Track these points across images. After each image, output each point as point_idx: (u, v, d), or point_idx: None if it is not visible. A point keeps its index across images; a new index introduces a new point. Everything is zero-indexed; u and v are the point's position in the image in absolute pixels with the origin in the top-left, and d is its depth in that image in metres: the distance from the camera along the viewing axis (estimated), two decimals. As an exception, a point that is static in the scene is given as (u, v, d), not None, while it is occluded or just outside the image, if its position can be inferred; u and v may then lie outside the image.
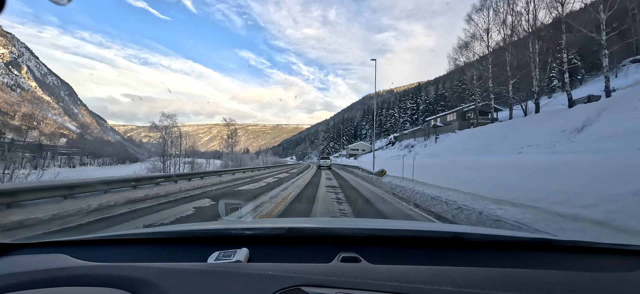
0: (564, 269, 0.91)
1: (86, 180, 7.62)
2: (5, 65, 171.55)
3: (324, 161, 30.71)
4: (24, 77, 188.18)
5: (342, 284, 0.73)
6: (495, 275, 0.79)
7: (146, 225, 4.78)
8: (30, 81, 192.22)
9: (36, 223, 4.64)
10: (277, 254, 1.04)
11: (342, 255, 0.94)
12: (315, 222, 1.75)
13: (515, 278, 0.78)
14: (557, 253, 1.07)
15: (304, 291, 0.71)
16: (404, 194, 8.96)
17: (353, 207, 6.69)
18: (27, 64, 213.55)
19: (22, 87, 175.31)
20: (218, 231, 1.22)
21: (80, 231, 4.37)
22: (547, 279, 0.78)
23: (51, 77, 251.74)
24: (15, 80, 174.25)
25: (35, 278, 0.83)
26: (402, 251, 1.06)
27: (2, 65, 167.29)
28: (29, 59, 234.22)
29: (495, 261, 0.98)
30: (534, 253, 1.06)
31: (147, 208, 6.28)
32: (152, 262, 0.91)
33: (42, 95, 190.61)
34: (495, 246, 1.10)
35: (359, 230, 1.24)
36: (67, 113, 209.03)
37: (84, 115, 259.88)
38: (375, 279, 0.75)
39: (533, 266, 0.90)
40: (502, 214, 4.95)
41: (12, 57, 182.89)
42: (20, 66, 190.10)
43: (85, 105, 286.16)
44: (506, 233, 1.30)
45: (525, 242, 1.13)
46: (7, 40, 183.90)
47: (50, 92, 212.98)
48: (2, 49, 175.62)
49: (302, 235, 1.19)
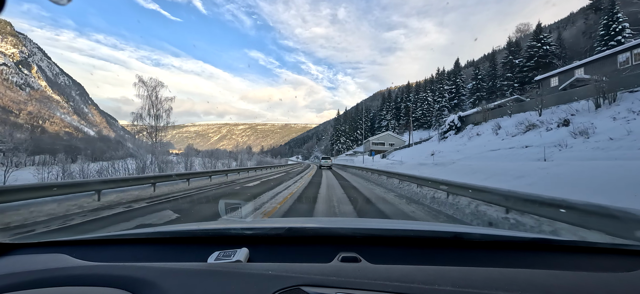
0: (564, 269, 0.90)
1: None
2: (15, 64, 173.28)
3: (325, 161, 31.24)
4: (34, 76, 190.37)
5: (342, 284, 0.73)
6: (495, 275, 0.79)
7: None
8: (40, 80, 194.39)
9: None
10: (277, 254, 1.04)
11: (342, 255, 0.94)
12: (315, 222, 1.82)
13: (515, 278, 0.77)
14: (557, 253, 1.06)
15: (304, 291, 0.71)
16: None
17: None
18: (39, 64, 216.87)
19: (32, 86, 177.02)
20: (218, 231, 1.21)
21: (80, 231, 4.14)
22: (547, 279, 0.77)
23: (63, 77, 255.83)
24: (25, 80, 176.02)
25: (35, 278, 0.84)
26: (402, 251, 1.06)
27: (12, 65, 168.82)
28: (41, 59, 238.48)
29: (495, 261, 0.98)
30: (534, 253, 1.06)
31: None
32: (152, 262, 0.91)
33: (51, 94, 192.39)
34: (495, 246, 1.10)
35: (359, 230, 1.23)
36: (77, 112, 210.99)
37: (94, 114, 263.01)
38: (375, 279, 0.75)
39: (533, 266, 0.90)
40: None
41: (23, 57, 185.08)
42: (31, 66, 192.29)
43: (96, 104, 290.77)
44: (506, 233, 1.31)
45: (525, 242, 1.13)
46: (18, 40, 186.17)
47: (60, 92, 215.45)
48: (12, 49, 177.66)
49: (302, 234, 1.19)
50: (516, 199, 4.42)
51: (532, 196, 4.10)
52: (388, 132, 62.59)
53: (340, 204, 6.66)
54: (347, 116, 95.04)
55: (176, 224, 4.09)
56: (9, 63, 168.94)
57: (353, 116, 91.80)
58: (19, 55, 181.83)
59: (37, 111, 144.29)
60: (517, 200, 4.39)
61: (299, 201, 7.22)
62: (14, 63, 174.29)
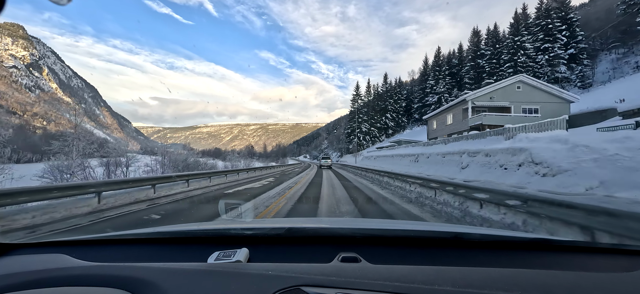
0: (564, 269, 0.90)
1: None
2: (25, 67, 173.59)
3: (325, 161, 32.07)
4: (45, 78, 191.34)
5: (342, 284, 0.73)
6: (495, 275, 0.79)
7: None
8: (50, 82, 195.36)
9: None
10: (277, 254, 1.04)
11: (342, 255, 0.93)
12: (315, 222, 1.81)
13: (515, 278, 0.77)
14: (557, 253, 1.06)
15: (304, 291, 0.71)
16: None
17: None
18: (52, 67, 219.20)
19: (42, 88, 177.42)
20: (218, 231, 1.22)
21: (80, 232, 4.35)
22: (547, 279, 0.77)
23: (76, 79, 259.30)
24: (36, 82, 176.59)
25: (35, 278, 0.84)
26: (402, 251, 1.06)
27: (22, 67, 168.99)
28: (54, 63, 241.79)
29: (495, 261, 0.98)
30: (533, 253, 1.05)
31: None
32: (152, 262, 0.91)
33: (62, 96, 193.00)
34: (495, 246, 1.09)
35: (359, 230, 1.24)
36: (87, 114, 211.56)
37: (106, 116, 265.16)
38: (375, 279, 0.75)
39: (533, 266, 0.90)
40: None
41: (33, 60, 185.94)
42: (42, 68, 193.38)
43: (109, 107, 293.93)
44: (506, 233, 1.31)
45: (525, 242, 1.13)
46: (29, 43, 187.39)
47: (72, 94, 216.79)
48: (22, 51, 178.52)
49: (302, 234, 1.19)
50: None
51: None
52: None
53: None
54: (373, 99, 68.26)
55: (176, 224, 3.76)
56: (19, 66, 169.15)
57: (380, 94, 66.72)
58: (29, 58, 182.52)
59: (44, 112, 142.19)
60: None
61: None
62: (25, 65, 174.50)
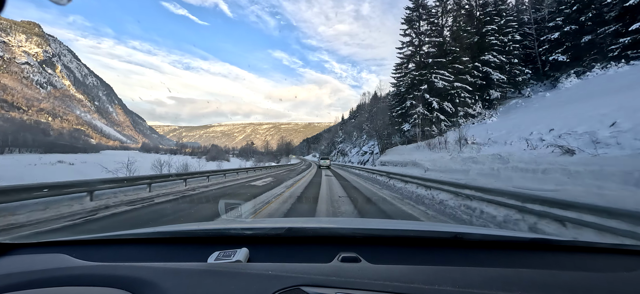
0: (564, 269, 0.90)
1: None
2: (38, 64, 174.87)
3: (324, 161, 31.96)
4: (58, 75, 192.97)
5: (342, 284, 0.73)
6: (495, 275, 0.79)
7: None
8: (63, 79, 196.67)
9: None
10: (277, 254, 1.03)
11: (342, 255, 0.93)
12: (315, 222, 1.81)
13: (515, 278, 0.77)
14: (557, 253, 1.05)
15: (304, 291, 0.71)
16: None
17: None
18: (68, 65, 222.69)
19: (54, 84, 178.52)
20: (218, 231, 1.21)
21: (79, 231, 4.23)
22: (547, 279, 0.77)
23: (91, 77, 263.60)
24: (48, 78, 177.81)
25: (35, 278, 0.83)
26: (402, 251, 1.05)
27: (35, 64, 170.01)
28: (70, 61, 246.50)
29: (495, 261, 0.98)
30: (533, 253, 1.05)
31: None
32: (152, 262, 0.91)
33: (74, 93, 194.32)
34: (495, 246, 1.09)
35: (359, 230, 1.24)
36: (99, 111, 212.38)
37: (119, 113, 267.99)
38: (375, 279, 0.75)
39: (533, 266, 0.90)
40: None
41: (46, 57, 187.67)
42: (55, 65, 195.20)
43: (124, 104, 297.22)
44: (506, 233, 1.30)
45: (525, 242, 1.12)
46: (43, 40, 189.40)
47: (86, 91, 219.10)
48: (36, 48, 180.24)
49: (302, 235, 1.19)
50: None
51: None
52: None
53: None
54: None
55: (176, 224, 3.61)
56: (32, 62, 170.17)
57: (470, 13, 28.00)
58: (43, 55, 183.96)
59: (51, 108, 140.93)
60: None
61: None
62: (38, 62, 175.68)
